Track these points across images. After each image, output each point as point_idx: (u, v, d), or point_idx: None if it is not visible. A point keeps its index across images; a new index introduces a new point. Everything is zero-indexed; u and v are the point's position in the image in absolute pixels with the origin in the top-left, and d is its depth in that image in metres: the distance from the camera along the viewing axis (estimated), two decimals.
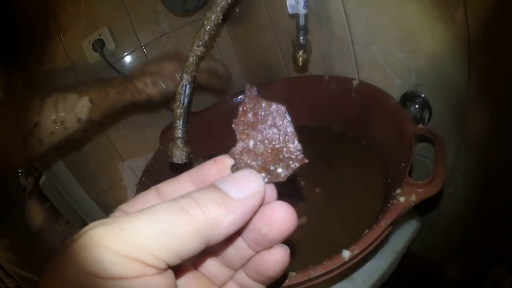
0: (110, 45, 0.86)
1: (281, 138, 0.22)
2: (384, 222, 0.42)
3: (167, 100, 0.77)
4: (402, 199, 0.44)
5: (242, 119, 0.23)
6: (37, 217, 0.99)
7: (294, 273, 0.42)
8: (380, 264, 0.57)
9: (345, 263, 0.41)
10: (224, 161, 0.24)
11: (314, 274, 0.41)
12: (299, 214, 0.59)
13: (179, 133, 0.65)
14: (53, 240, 1.02)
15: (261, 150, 0.22)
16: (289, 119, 0.22)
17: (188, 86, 0.63)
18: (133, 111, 0.93)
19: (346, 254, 0.41)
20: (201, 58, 0.62)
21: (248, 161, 0.23)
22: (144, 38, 0.89)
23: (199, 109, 0.83)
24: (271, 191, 0.23)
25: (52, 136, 0.63)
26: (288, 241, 0.23)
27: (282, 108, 0.22)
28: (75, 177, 0.94)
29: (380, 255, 0.58)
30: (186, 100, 0.64)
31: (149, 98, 0.73)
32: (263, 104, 0.22)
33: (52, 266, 0.18)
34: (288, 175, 0.22)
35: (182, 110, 0.64)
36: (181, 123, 0.65)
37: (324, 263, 0.41)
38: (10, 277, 0.89)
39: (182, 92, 0.63)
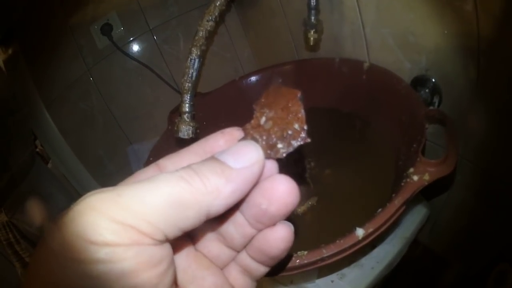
0: (119, 29, 0.86)
1: (289, 118, 0.23)
2: (398, 201, 0.42)
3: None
4: (415, 178, 0.43)
5: (263, 100, 0.24)
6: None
7: (305, 252, 0.41)
8: (389, 250, 0.57)
9: (359, 241, 0.40)
10: (233, 133, 0.24)
11: (327, 253, 0.40)
12: (309, 196, 0.59)
13: (186, 107, 0.64)
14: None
15: (268, 127, 0.23)
16: (301, 103, 0.23)
17: (197, 60, 0.62)
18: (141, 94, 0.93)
19: (360, 232, 0.40)
20: (211, 33, 0.61)
21: (254, 135, 0.23)
22: (152, 21, 0.88)
23: (207, 90, 0.82)
24: (272, 164, 0.23)
25: None
26: (297, 222, 0.23)
27: (297, 93, 0.23)
28: (81, 161, 0.93)
29: (389, 241, 0.58)
30: (194, 74, 0.63)
31: None
32: (283, 90, 0.24)
33: (49, 232, 0.18)
34: (288, 152, 0.23)
35: (190, 84, 0.63)
36: (188, 97, 0.64)
37: (337, 241, 0.40)
38: (33, 246, 0.87)
39: (191, 66, 0.62)
